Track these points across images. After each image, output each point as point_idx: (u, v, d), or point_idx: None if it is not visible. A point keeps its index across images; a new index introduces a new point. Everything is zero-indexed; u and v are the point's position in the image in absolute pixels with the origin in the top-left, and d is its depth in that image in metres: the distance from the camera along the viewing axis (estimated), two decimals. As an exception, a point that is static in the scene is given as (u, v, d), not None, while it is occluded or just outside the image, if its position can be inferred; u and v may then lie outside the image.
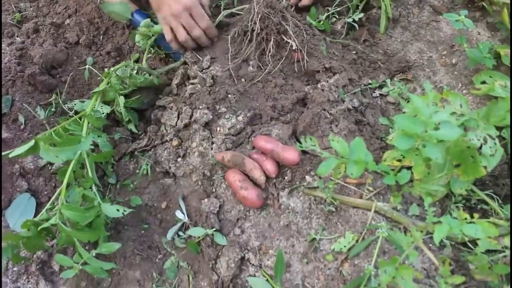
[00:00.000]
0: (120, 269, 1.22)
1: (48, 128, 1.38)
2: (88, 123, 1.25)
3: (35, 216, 1.25)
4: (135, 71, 1.39)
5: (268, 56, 1.37)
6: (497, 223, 0.99)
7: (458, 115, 1.09)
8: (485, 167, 1.04)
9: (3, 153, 1.12)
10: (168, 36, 1.42)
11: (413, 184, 1.07)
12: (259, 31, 1.34)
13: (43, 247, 1.17)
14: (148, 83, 1.44)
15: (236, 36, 1.39)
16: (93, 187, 1.18)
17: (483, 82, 1.35)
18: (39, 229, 1.07)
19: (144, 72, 1.46)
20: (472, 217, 0.97)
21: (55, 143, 1.12)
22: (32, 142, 1.09)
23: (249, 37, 1.37)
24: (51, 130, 1.15)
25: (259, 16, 1.33)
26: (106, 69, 1.35)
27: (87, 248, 1.16)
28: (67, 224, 1.09)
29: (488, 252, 1.02)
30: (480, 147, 1.03)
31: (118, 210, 1.14)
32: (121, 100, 1.34)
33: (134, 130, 1.42)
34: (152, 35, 1.46)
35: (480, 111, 1.11)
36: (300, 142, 1.23)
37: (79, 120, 1.25)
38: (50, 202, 1.13)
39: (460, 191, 1.09)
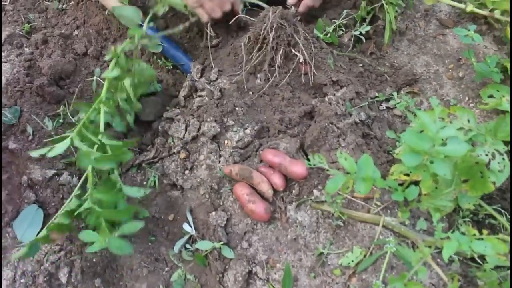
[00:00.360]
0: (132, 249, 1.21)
1: (56, 139, 1.39)
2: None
3: (42, 227, 1.25)
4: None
5: (276, 67, 1.37)
6: (506, 240, 0.99)
7: (466, 130, 1.09)
8: (494, 183, 1.04)
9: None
10: (205, 18, 1.44)
11: (421, 199, 1.07)
12: (271, 39, 1.34)
13: (71, 229, 1.19)
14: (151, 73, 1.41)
15: (247, 42, 1.39)
16: (115, 171, 1.19)
17: (490, 96, 1.36)
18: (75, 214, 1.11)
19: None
20: (480, 232, 0.97)
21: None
22: (67, 141, 1.11)
23: (259, 45, 1.37)
24: (80, 125, 1.15)
25: (274, 26, 1.33)
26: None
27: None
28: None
29: (497, 268, 1.01)
30: (489, 163, 1.03)
31: (139, 191, 1.18)
32: (126, 82, 1.32)
33: (131, 123, 1.40)
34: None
35: (487, 125, 1.11)
36: (307, 156, 1.23)
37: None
38: (76, 188, 1.17)
39: (468, 206, 1.09)
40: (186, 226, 1.25)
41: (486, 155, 1.03)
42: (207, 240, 1.20)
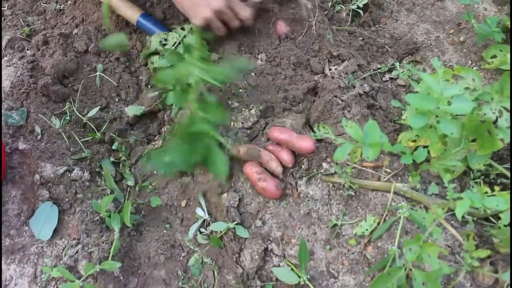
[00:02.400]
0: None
1: (64, 136, 1.40)
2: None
3: (58, 222, 1.27)
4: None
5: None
6: (518, 194, 0.99)
7: (472, 90, 1.09)
8: (502, 140, 1.03)
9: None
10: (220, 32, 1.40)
11: (430, 163, 1.07)
12: None
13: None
14: None
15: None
16: None
17: (494, 57, 1.35)
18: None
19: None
20: (492, 191, 0.97)
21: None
22: None
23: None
24: None
25: None
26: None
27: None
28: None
29: (512, 224, 1.01)
30: (496, 120, 1.03)
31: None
32: None
33: None
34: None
35: (493, 85, 1.10)
36: (314, 131, 1.23)
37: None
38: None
39: (478, 166, 1.09)
40: (199, 211, 1.25)
41: (493, 112, 1.02)
42: (221, 221, 1.21)
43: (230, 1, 1.34)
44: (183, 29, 1.45)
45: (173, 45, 1.42)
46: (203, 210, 1.25)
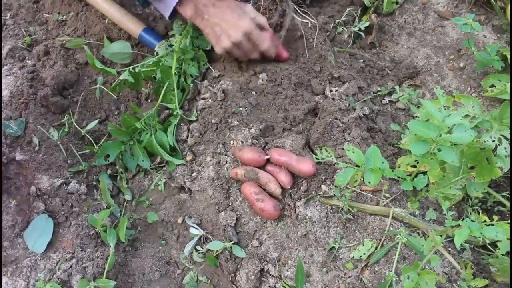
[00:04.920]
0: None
1: (62, 148, 1.39)
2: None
3: (53, 236, 1.25)
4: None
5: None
6: (516, 225, 0.99)
7: (471, 118, 1.10)
8: (501, 168, 1.04)
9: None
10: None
11: (429, 189, 1.07)
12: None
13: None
14: None
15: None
16: None
17: (492, 86, 1.36)
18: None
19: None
20: (490, 219, 0.97)
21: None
22: None
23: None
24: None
25: None
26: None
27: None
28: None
29: (508, 253, 1.01)
30: (495, 148, 1.04)
31: None
32: None
33: None
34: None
35: (493, 112, 1.11)
36: (313, 152, 1.24)
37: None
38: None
39: (476, 194, 1.09)
40: (192, 230, 1.25)
41: (493, 141, 1.03)
42: (218, 240, 1.20)
43: (250, 34, 1.34)
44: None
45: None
46: (196, 228, 1.25)
